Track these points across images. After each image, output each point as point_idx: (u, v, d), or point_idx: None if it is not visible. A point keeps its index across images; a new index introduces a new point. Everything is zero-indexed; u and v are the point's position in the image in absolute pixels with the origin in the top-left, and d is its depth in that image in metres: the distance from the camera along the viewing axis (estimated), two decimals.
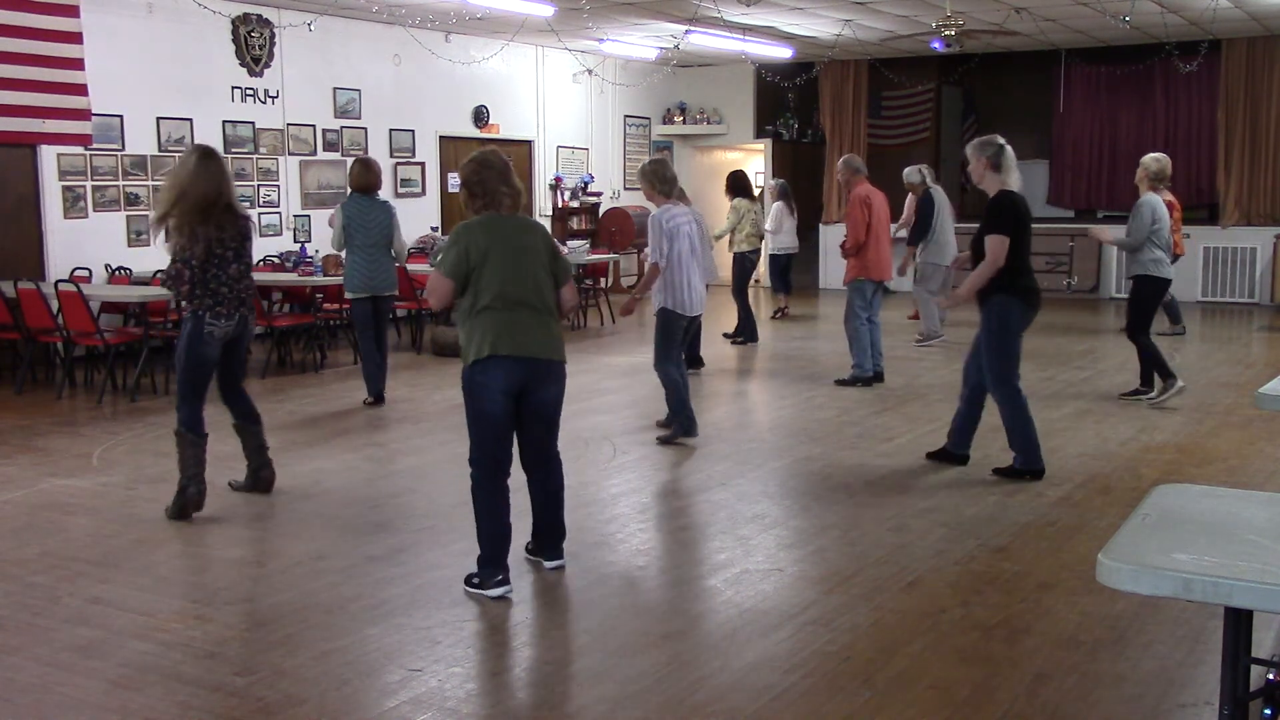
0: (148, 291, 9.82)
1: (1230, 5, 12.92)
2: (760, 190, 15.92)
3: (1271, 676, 2.85)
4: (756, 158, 19.27)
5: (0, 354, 10.32)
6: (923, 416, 8.33)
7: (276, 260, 12.08)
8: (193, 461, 5.95)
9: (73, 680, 4.02)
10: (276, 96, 12.91)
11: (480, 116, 15.45)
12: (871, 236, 9.68)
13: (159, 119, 11.79)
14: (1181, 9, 13.21)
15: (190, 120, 12.01)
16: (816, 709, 3.78)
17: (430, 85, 14.64)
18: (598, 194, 17.36)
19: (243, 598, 4.87)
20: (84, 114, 10.83)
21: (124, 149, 11.53)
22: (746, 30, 14.59)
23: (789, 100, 18.82)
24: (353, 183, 8.97)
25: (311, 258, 11.67)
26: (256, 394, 6.50)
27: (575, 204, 16.97)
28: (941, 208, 11.98)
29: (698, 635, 4.44)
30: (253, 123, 12.67)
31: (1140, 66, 16.62)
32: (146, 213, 11.67)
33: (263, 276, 10.62)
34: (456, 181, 14.43)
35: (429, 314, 12.72)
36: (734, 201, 12.51)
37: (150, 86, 11.67)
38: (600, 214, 17.23)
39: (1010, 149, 6.53)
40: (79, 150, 11.10)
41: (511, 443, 4.91)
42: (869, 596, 4.79)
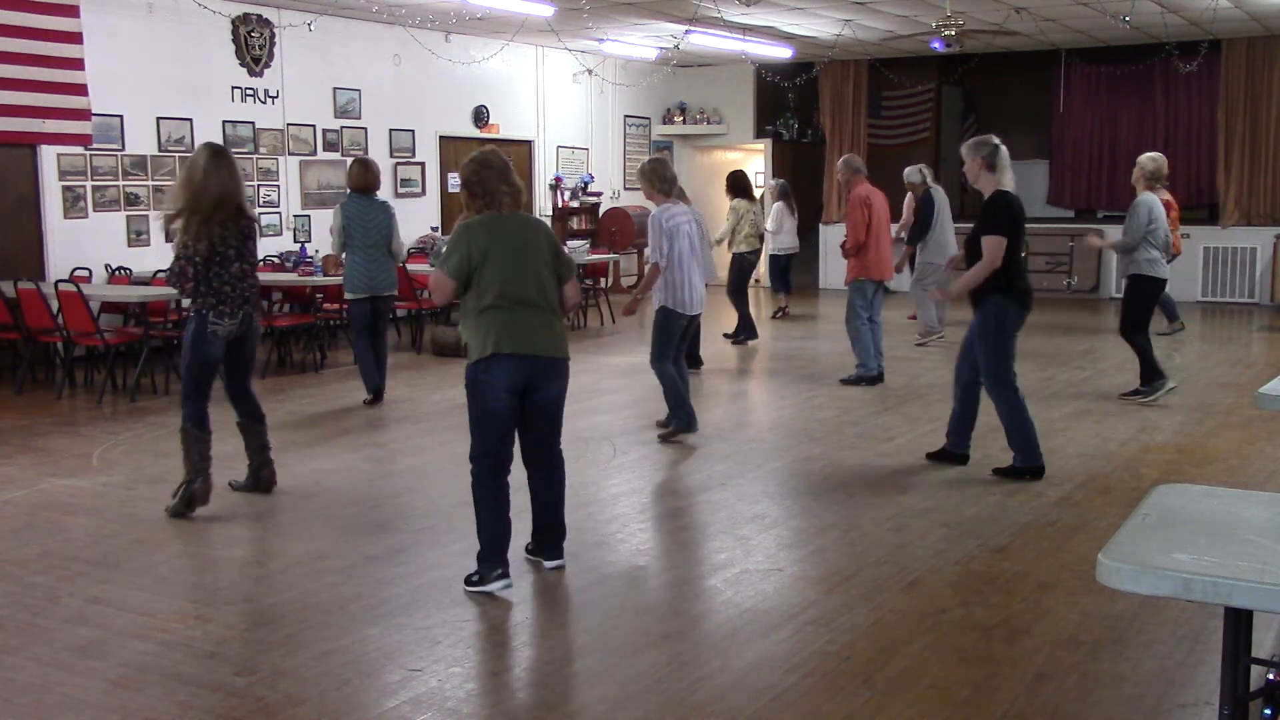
0: (148, 291, 9.83)
1: (1230, 5, 12.92)
2: (761, 193, 15.89)
3: (1271, 676, 2.85)
4: (756, 158, 19.26)
5: (0, 354, 10.32)
6: (923, 416, 8.33)
7: (276, 260, 12.08)
8: (198, 457, 5.99)
9: (73, 680, 4.02)
10: (276, 96, 12.91)
11: (480, 116, 15.45)
12: (871, 237, 9.69)
13: (159, 119, 11.79)
14: (1181, 9, 13.21)
15: (190, 120, 12.01)
16: (816, 709, 3.78)
17: (430, 85, 14.64)
18: (598, 194, 17.36)
19: (243, 598, 4.88)
20: (84, 114, 10.84)
21: (124, 149, 11.53)
22: (746, 30, 14.59)
23: (789, 100, 18.81)
24: (351, 183, 8.98)
25: (311, 258, 11.68)
26: (257, 394, 6.49)
27: (575, 204, 16.96)
28: (941, 207, 12.00)
29: (698, 635, 4.44)
30: (253, 123, 12.67)
31: (1140, 66, 16.62)
32: (146, 213, 11.69)
33: (263, 276, 10.52)
34: (457, 182, 14.50)
35: (429, 314, 12.73)
36: (733, 202, 12.51)
37: (150, 86, 11.67)
38: (600, 214, 17.23)
39: (1005, 149, 6.54)
40: (79, 150, 11.10)
41: (513, 441, 4.93)
42: (869, 596, 4.79)
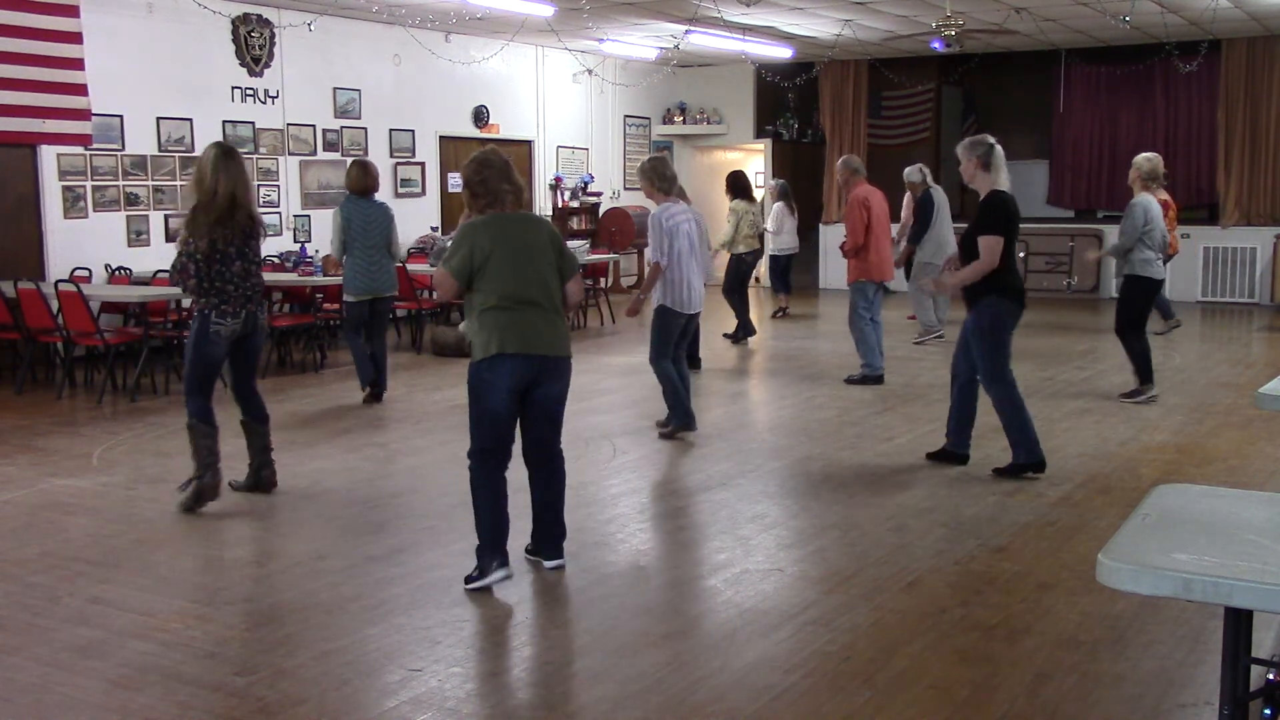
0: (148, 291, 9.83)
1: (1230, 5, 12.92)
2: (762, 194, 15.89)
3: (1271, 676, 2.85)
4: (756, 158, 19.26)
5: (0, 354, 10.32)
6: (923, 416, 8.33)
7: (276, 260, 12.07)
8: (206, 452, 6.03)
9: (73, 680, 4.02)
10: (276, 96, 12.90)
11: (480, 116, 15.45)
12: (871, 238, 9.68)
13: (159, 119, 11.79)
14: (1181, 9, 13.21)
15: (190, 120, 12.01)
16: (816, 709, 3.78)
17: (430, 85, 14.64)
18: (598, 194, 17.36)
19: (243, 598, 4.88)
20: (84, 114, 10.83)
21: (124, 149, 11.53)
22: (746, 30, 14.58)
23: (789, 100, 18.81)
24: (350, 185, 8.97)
25: (311, 258, 11.69)
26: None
27: (575, 204, 16.96)
28: (940, 207, 12.01)
29: (698, 635, 4.44)
30: (253, 123, 12.66)
31: (1140, 66, 16.61)
32: (146, 213, 11.70)
33: (264, 276, 10.61)
34: (457, 182, 14.50)
35: (429, 314, 12.74)
36: (732, 203, 12.52)
37: (150, 86, 11.67)
38: (600, 214, 17.23)
39: (1000, 148, 6.54)
40: (79, 150, 11.10)
41: (512, 438, 4.94)
42: (869, 596, 4.79)
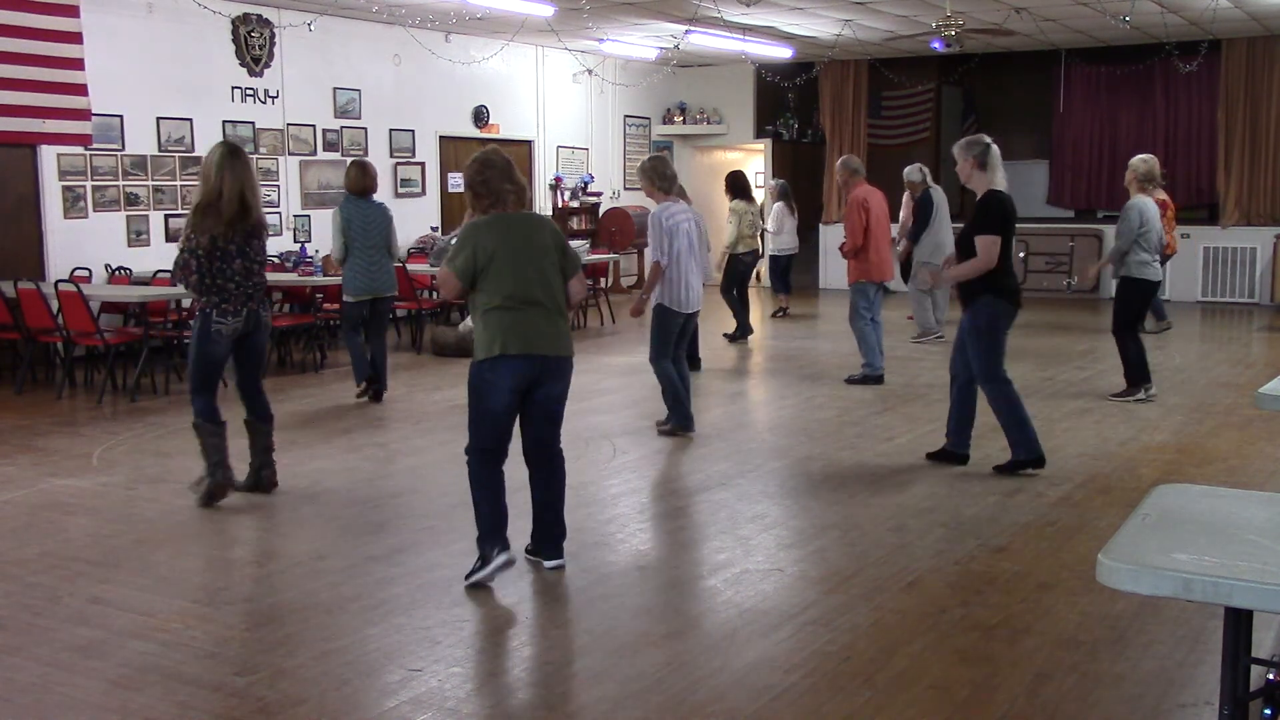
0: (148, 291, 9.83)
1: (1230, 5, 12.92)
2: (762, 197, 15.89)
3: (1271, 676, 2.85)
4: (756, 158, 19.26)
5: (0, 354, 10.32)
6: (923, 416, 8.33)
7: (276, 260, 12.05)
8: (214, 449, 6.07)
9: (73, 680, 4.02)
10: (276, 96, 12.90)
11: (480, 116, 15.45)
12: (870, 239, 9.68)
13: (159, 119, 11.79)
14: (1181, 9, 13.21)
15: (190, 120, 12.01)
16: (816, 709, 3.78)
17: (430, 85, 14.64)
18: (598, 194, 17.36)
19: (243, 598, 4.88)
20: (84, 114, 10.83)
21: (124, 149, 11.53)
22: (746, 30, 14.58)
23: (789, 100, 18.81)
24: (349, 186, 8.97)
25: (311, 258, 11.69)
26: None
27: (575, 204, 16.96)
28: (940, 207, 12.00)
29: (698, 635, 4.44)
30: (253, 123, 12.66)
31: (1140, 66, 16.61)
32: (146, 213, 11.70)
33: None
34: (457, 182, 14.50)
35: (429, 314, 12.73)
36: (732, 204, 12.52)
37: (150, 86, 11.66)
38: (600, 214, 17.23)
39: (996, 148, 6.54)
40: (79, 150, 11.10)
41: (511, 436, 4.96)
42: (869, 596, 4.79)
